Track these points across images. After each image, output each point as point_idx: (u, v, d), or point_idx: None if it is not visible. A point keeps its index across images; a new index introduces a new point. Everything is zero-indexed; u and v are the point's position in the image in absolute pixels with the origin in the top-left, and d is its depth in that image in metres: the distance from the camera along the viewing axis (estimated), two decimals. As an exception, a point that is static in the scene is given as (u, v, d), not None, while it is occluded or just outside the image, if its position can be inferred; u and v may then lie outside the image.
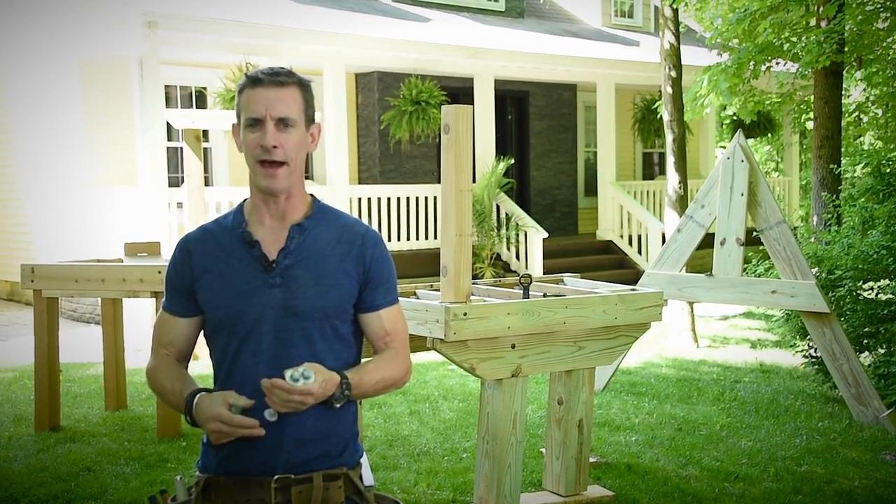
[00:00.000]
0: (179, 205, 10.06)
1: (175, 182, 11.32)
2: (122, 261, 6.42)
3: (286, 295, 2.10)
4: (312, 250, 2.15)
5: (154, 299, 5.84)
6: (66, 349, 6.95)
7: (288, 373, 1.97)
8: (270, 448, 2.07)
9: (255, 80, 2.10)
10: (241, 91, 2.12)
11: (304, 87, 2.15)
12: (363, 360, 2.24)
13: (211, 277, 2.14)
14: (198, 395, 2.07)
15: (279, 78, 2.10)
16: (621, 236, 14.04)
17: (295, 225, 2.16)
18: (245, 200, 2.22)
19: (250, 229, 2.16)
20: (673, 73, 9.46)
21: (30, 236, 12.44)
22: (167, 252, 9.65)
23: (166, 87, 11.16)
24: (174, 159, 11.71)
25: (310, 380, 1.97)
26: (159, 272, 5.70)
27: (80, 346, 9.02)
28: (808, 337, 6.67)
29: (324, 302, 2.12)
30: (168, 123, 10.07)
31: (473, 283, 4.62)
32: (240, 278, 2.12)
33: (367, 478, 2.20)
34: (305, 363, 2.02)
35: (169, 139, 11.01)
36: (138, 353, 8.14)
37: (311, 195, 2.23)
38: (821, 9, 9.73)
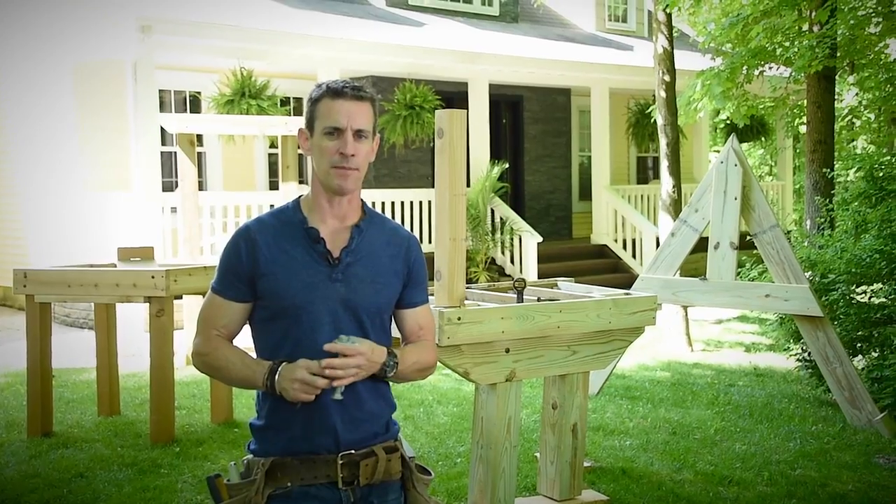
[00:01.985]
0: (173, 209, 10.04)
1: (169, 186, 11.31)
2: (115, 265, 6.40)
3: (347, 290, 2.28)
4: (369, 250, 2.34)
5: (148, 304, 5.83)
6: (59, 354, 6.94)
7: (337, 339, 2.19)
8: (334, 431, 2.24)
9: (336, 92, 2.27)
10: (319, 100, 2.28)
11: (375, 103, 2.34)
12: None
13: (276, 268, 2.26)
14: (281, 364, 2.22)
15: (359, 93, 2.28)
16: (615, 240, 14.06)
17: (354, 226, 2.34)
18: (301, 197, 2.37)
19: (314, 226, 2.31)
20: (667, 78, 9.48)
21: (24, 241, 12.41)
22: (161, 256, 9.65)
23: (160, 91, 11.14)
24: (168, 164, 11.70)
25: (354, 342, 2.19)
26: (153, 277, 5.69)
27: (73, 351, 8.99)
28: (802, 341, 6.68)
29: (378, 298, 2.33)
30: (162, 128, 10.06)
31: (468, 288, 4.62)
32: (304, 271, 2.26)
33: (409, 450, 2.40)
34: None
35: (163, 144, 10.99)
36: (131, 358, 8.12)
37: (361, 199, 2.39)
38: (813, 13, 9.76)
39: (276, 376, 2.19)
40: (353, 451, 2.25)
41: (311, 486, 2.23)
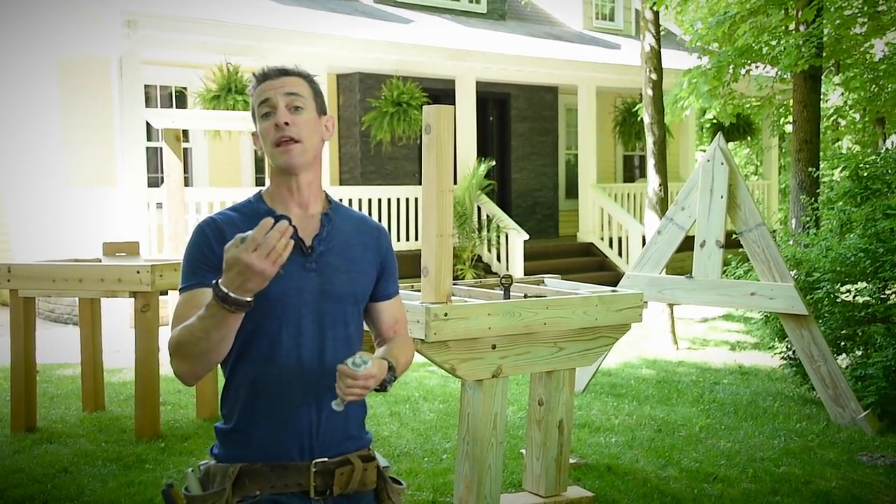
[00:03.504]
0: (159, 205, 9.99)
1: (154, 182, 11.25)
2: (100, 260, 6.37)
3: (322, 279, 2.17)
4: (340, 238, 2.23)
5: (133, 299, 5.80)
6: (43, 350, 6.89)
7: (349, 361, 2.03)
8: (309, 431, 2.14)
9: (262, 76, 2.19)
10: (253, 92, 2.21)
11: (310, 80, 2.24)
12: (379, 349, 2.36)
13: None
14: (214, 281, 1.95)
15: (286, 69, 2.21)
16: (602, 239, 14.09)
17: (324, 214, 2.24)
18: (261, 192, 2.25)
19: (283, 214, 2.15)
20: (653, 76, 9.50)
21: (7, 237, 12.32)
22: (147, 252, 9.61)
23: (146, 86, 11.08)
24: (154, 159, 11.64)
25: (368, 363, 2.04)
26: (138, 272, 5.66)
27: (58, 346, 8.94)
28: (787, 339, 6.71)
29: (354, 287, 2.23)
30: (148, 123, 10.01)
31: (454, 284, 4.62)
32: None
33: (382, 460, 2.31)
34: (358, 351, 2.09)
35: (148, 139, 10.93)
36: (116, 353, 8.09)
37: (324, 190, 2.31)
38: (800, 13, 9.80)
39: (222, 287, 1.90)
40: (326, 459, 2.14)
41: (282, 495, 2.11)
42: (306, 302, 2.14)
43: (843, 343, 6.72)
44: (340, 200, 10.47)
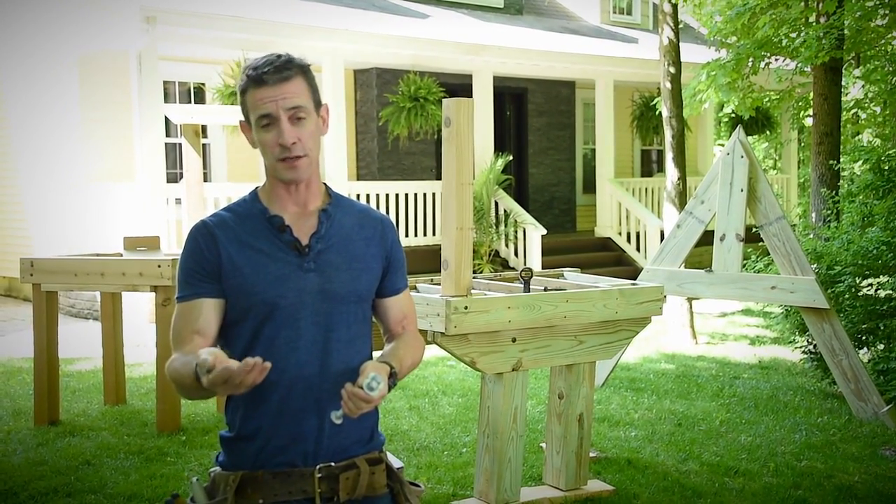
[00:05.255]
0: (178, 200, 10.04)
1: (173, 178, 11.31)
2: (121, 255, 6.40)
3: (322, 279, 2.10)
4: (340, 235, 2.15)
5: (154, 293, 5.83)
6: (65, 344, 6.93)
7: (363, 383, 1.95)
8: (313, 437, 2.07)
9: (258, 80, 2.06)
10: (245, 91, 2.08)
11: (306, 72, 2.12)
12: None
13: (240, 263, 2.07)
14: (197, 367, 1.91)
15: (283, 74, 2.06)
16: (619, 233, 14.05)
17: (321, 210, 2.15)
18: (257, 189, 2.18)
19: (276, 214, 2.13)
20: (672, 70, 9.46)
21: (28, 232, 12.42)
22: (166, 246, 9.66)
23: (165, 82, 11.14)
24: (172, 155, 11.70)
25: (381, 384, 1.96)
26: (159, 266, 5.69)
27: (79, 341, 9.01)
28: (808, 333, 6.67)
29: (357, 285, 2.15)
30: (166, 119, 10.06)
31: (474, 278, 4.62)
32: (273, 263, 2.08)
33: (395, 461, 2.23)
34: (370, 369, 1.99)
35: (167, 135, 10.99)
36: (137, 347, 8.14)
37: (324, 183, 2.23)
38: (820, 4, 9.73)
39: (204, 380, 1.86)
40: (332, 464, 2.07)
41: (286, 503, 2.05)
42: (305, 304, 2.07)
43: (864, 337, 6.68)
44: (357, 196, 10.41)
